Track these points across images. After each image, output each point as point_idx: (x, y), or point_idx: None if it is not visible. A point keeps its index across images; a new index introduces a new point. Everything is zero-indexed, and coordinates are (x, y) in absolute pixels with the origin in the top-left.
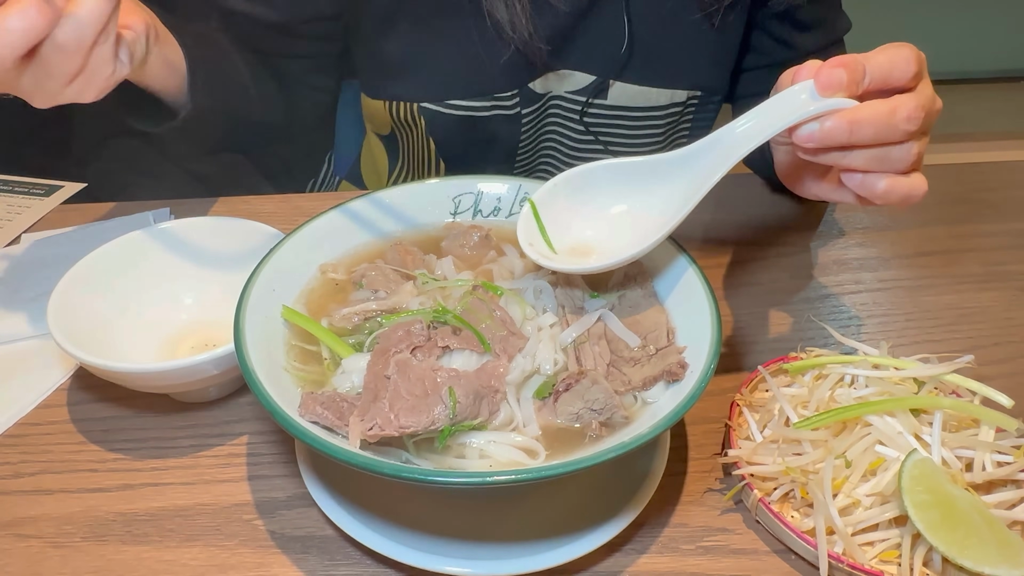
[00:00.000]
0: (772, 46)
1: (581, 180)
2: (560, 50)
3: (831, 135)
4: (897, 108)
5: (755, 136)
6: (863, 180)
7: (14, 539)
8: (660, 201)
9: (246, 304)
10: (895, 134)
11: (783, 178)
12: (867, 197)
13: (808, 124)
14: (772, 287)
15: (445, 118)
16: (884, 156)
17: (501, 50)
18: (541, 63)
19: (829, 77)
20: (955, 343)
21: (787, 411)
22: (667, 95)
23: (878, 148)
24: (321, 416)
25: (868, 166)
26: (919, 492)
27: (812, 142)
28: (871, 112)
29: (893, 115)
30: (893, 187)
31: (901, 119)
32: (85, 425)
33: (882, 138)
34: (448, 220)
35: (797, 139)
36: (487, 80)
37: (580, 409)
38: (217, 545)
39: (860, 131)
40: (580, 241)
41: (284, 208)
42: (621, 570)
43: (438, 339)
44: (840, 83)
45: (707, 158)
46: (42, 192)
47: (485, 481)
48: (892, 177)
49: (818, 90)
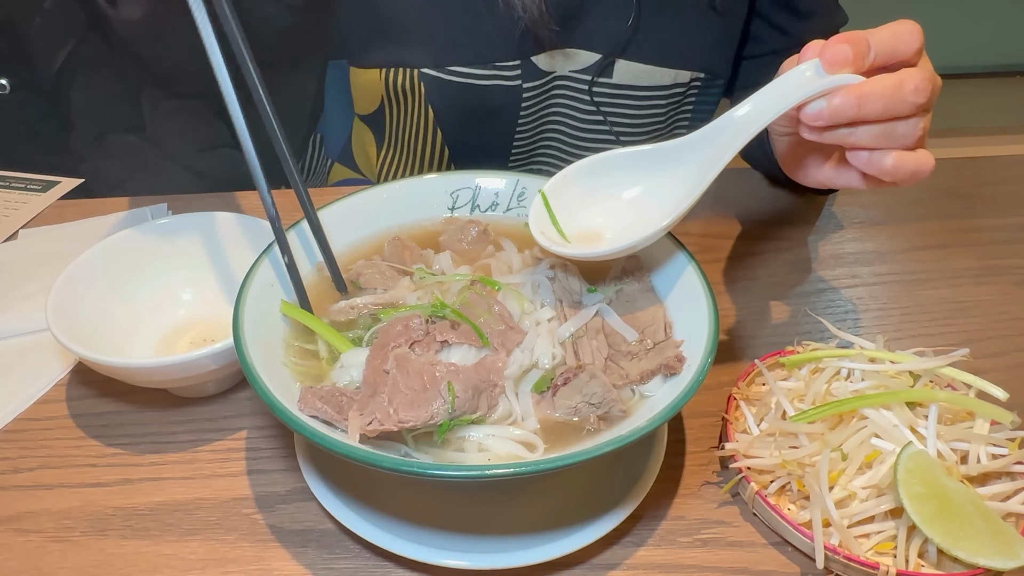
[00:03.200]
0: (770, 33)
1: (592, 169)
2: (566, 28)
3: (840, 110)
4: (904, 81)
5: (762, 116)
6: (870, 157)
7: (14, 534)
8: (670, 186)
9: (244, 299)
10: (904, 107)
11: (786, 167)
12: (875, 175)
13: (816, 101)
14: (769, 281)
15: (445, 85)
16: (891, 131)
17: (508, 22)
18: (550, 42)
19: (835, 52)
20: (951, 337)
21: (784, 404)
22: (671, 75)
23: (885, 124)
24: (320, 410)
25: (875, 142)
26: (914, 484)
27: (821, 119)
28: (879, 86)
29: (901, 87)
30: (901, 162)
31: (909, 91)
32: (84, 420)
33: (891, 112)
34: (446, 215)
35: (805, 117)
36: (489, 48)
37: (578, 403)
38: (216, 539)
39: (869, 105)
40: (591, 228)
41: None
42: (619, 562)
43: (436, 333)
44: (846, 58)
45: (716, 141)
46: (39, 188)
47: (484, 475)
48: (899, 153)
49: (824, 66)
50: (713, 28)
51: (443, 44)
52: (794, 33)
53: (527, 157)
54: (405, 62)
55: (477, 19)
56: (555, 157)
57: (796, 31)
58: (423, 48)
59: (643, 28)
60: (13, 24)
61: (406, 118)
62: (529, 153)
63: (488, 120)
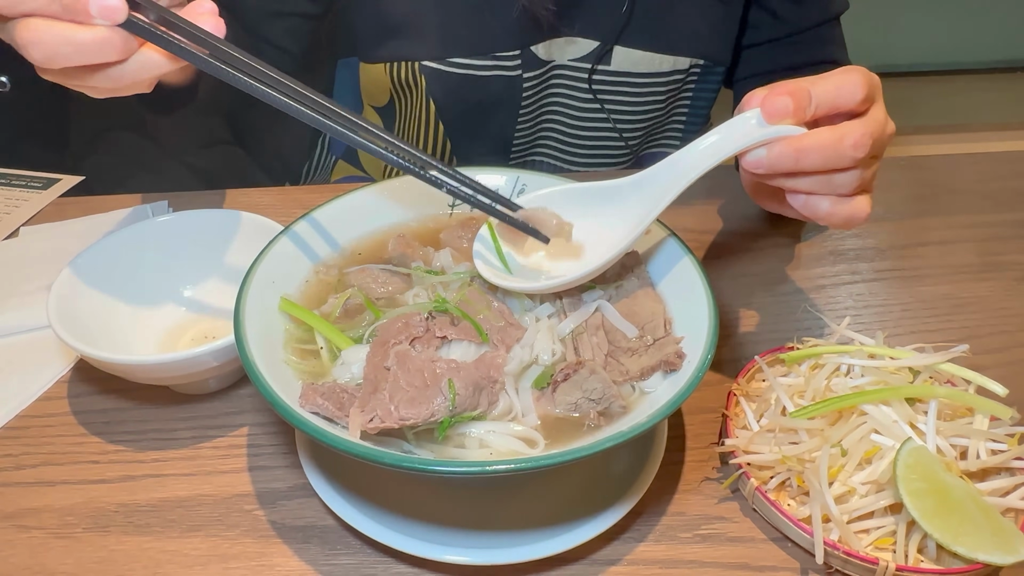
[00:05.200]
0: (768, 21)
1: (542, 203)
2: (565, 15)
3: (778, 162)
4: (844, 136)
5: (707, 160)
6: (806, 201)
7: (17, 530)
8: (615, 223)
9: (246, 296)
10: (842, 161)
11: (747, 191)
12: (810, 218)
13: (756, 150)
14: (768, 277)
15: (446, 77)
16: (828, 181)
17: (506, 9)
18: (548, 24)
19: (774, 105)
20: (950, 333)
21: (784, 400)
22: (670, 61)
23: (822, 175)
24: (322, 407)
25: (813, 189)
26: (914, 480)
27: (760, 168)
28: (817, 140)
29: (840, 143)
30: (835, 210)
31: (848, 146)
32: (86, 417)
33: (829, 164)
34: (447, 212)
35: (746, 164)
36: (489, 39)
37: (578, 399)
38: (218, 535)
39: (806, 159)
40: (536, 261)
41: (282, 200)
42: (619, 558)
43: (436, 329)
44: (786, 110)
45: (660, 181)
46: (40, 185)
47: (485, 470)
48: (834, 199)
49: (764, 117)
50: (712, 14)
51: (443, 36)
52: (793, 20)
53: (527, 148)
54: (407, 55)
55: (476, 10)
56: (555, 148)
57: (793, 17)
58: (424, 41)
59: (641, 13)
60: None
61: (411, 111)
62: (530, 144)
63: (489, 112)
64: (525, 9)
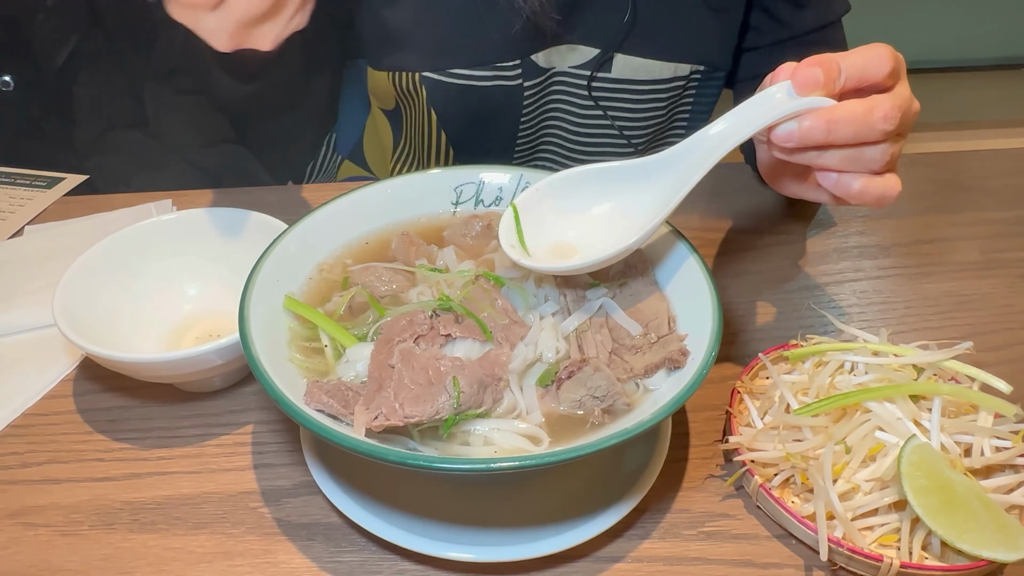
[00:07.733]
0: (769, 24)
1: (565, 184)
2: (565, 22)
3: (809, 134)
4: (874, 107)
5: (734, 136)
6: (838, 180)
7: (23, 528)
8: (642, 203)
9: (250, 295)
10: (872, 133)
11: (765, 176)
12: (842, 197)
13: (786, 123)
14: (772, 275)
15: (446, 87)
16: (859, 156)
17: (508, 21)
18: (551, 33)
19: (806, 75)
20: (954, 330)
21: (787, 398)
22: (670, 68)
23: (853, 148)
24: (326, 404)
25: (842, 166)
26: (918, 477)
27: (791, 141)
28: (848, 111)
29: (870, 114)
30: (867, 187)
31: (878, 118)
32: (91, 415)
33: (860, 137)
34: (450, 210)
35: (775, 138)
36: (489, 49)
37: (582, 396)
38: (223, 533)
39: (838, 130)
40: (562, 241)
41: (286, 199)
42: (623, 555)
43: (440, 327)
44: (817, 81)
45: (688, 160)
46: (44, 184)
47: (489, 468)
48: (867, 177)
49: (795, 88)
50: (712, 20)
51: (443, 47)
52: (794, 23)
53: (529, 155)
54: (407, 66)
55: (477, 20)
56: (557, 154)
57: (795, 21)
58: (424, 52)
59: (641, 22)
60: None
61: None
62: (531, 151)
63: (490, 121)
64: (529, 20)
